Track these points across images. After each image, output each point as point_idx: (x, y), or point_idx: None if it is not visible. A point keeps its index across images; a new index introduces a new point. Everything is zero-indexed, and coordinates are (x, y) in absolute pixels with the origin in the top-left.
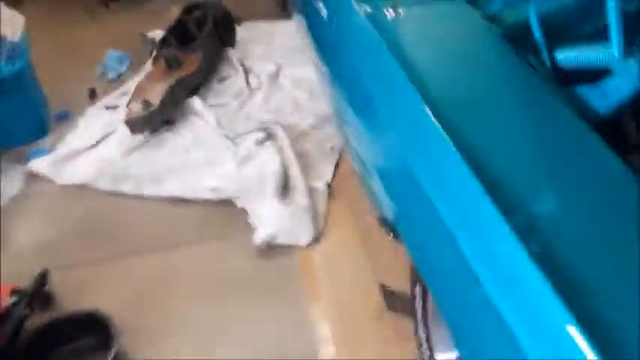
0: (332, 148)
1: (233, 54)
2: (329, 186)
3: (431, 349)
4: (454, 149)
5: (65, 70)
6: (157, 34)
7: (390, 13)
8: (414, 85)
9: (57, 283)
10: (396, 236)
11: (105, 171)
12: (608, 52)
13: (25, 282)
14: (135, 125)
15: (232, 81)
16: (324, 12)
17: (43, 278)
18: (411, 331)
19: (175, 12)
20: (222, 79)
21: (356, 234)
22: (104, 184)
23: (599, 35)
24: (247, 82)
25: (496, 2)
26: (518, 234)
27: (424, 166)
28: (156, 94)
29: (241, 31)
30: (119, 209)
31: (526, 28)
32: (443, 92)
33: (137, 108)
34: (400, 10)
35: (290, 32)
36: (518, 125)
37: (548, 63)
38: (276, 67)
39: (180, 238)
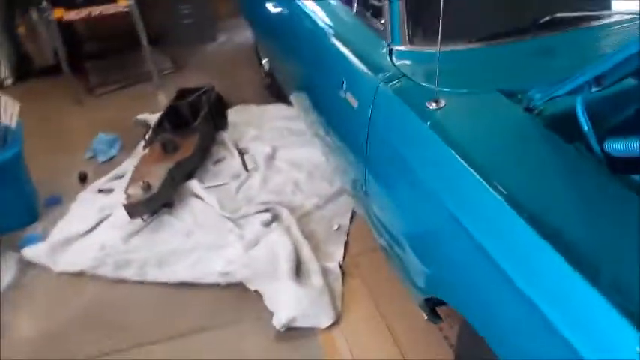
0: (339, 228)
1: (226, 137)
2: (340, 266)
3: None
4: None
5: (53, 155)
6: (150, 118)
7: (432, 106)
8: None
9: None
10: (434, 316)
11: (106, 257)
12: None
13: None
14: (135, 209)
15: (228, 163)
16: (354, 102)
17: None
18: None
19: (162, 97)
20: (217, 162)
21: (376, 312)
22: (105, 271)
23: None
24: (243, 164)
25: (532, 95)
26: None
27: (498, 243)
28: (155, 178)
29: (232, 115)
30: (123, 297)
31: (567, 119)
32: (504, 177)
33: (137, 192)
34: (442, 101)
35: (281, 115)
36: (587, 206)
37: (598, 152)
38: (272, 150)
39: (193, 324)
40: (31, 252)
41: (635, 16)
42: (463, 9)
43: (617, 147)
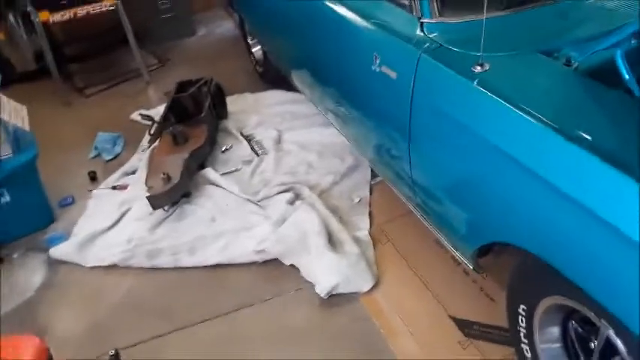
0: (360, 200)
1: (231, 125)
2: (369, 235)
3: None
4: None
5: (55, 157)
6: (151, 113)
7: (477, 69)
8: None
9: None
10: (478, 267)
11: (136, 249)
12: None
13: None
14: (157, 200)
15: (236, 150)
16: (393, 74)
17: (116, 358)
18: (497, 354)
19: (152, 92)
20: (225, 150)
21: (410, 272)
22: (139, 262)
23: None
24: (253, 149)
25: (567, 52)
26: None
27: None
28: (173, 169)
29: (229, 104)
30: (161, 284)
31: (602, 71)
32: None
33: (157, 183)
34: (486, 65)
35: (281, 100)
36: None
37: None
38: (278, 133)
39: (235, 302)
40: (58, 251)
41: None
42: None
43: None
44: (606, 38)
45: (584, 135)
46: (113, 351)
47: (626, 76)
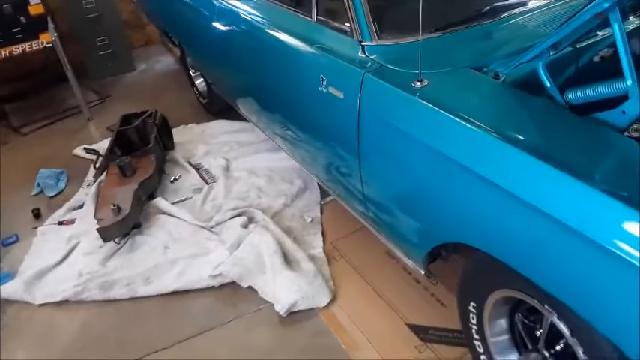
0: (312, 220)
1: (178, 156)
2: (323, 252)
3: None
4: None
5: None
6: (96, 147)
7: (417, 85)
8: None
9: None
10: (429, 272)
11: (87, 283)
12: (620, 82)
13: None
14: (108, 232)
15: (185, 179)
16: (339, 94)
17: None
18: (452, 354)
19: (93, 128)
20: (173, 180)
21: (365, 284)
22: (92, 295)
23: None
24: (202, 178)
25: (495, 67)
26: None
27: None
28: (122, 200)
29: (176, 136)
30: (117, 315)
31: (526, 81)
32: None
33: (108, 215)
34: (425, 81)
35: (226, 130)
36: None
37: (561, 101)
38: (225, 162)
39: (196, 327)
40: (5, 290)
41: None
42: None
43: (576, 95)
44: (528, 52)
45: (518, 136)
46: None
47: (548, 84)
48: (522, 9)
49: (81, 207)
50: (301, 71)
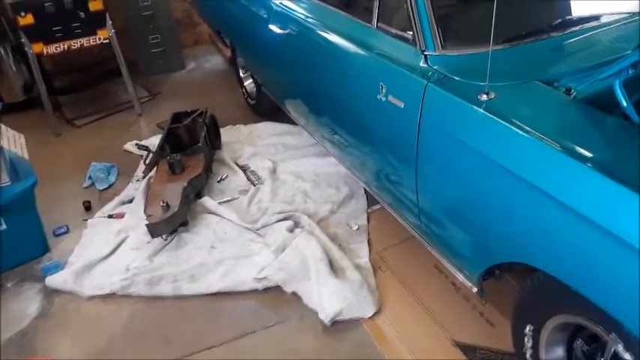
0: (358, 228)
1: (226, 155)
2: (369, 261)
3: None
4: None
5: (48, 186)
6: (147, 143)
7: (483, 97)
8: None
9: None
10: (482, 291)
11: (134, 277)
12: None
13: None
14: (157, 228)
15: (232, 180)
16: (400, 103)
17: None
18: None
19: (143, 124)
20: (220, 180)
21: (411, 298)
22: (138, 290)
23: None
24: (249, 179)
25: (566, 82)
26: None
27: None
28: (171, 197)
29: (224, 135)
30: (162, 311)
31: (599, 98)
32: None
33: (157, 211)
34: (492, 94)
35: (274, 132)
36: None
37: (637, 120)
38: (272, 164)
39: (239, 330)
40: (55, 280)
41: (626, 15)
42: (484, 17)
43: None
44: (606, 68)
45: (592, 156)
46: None
47: (624, 104)
48: (594, 23)
49: (130, 201)
50: (359, 78)
